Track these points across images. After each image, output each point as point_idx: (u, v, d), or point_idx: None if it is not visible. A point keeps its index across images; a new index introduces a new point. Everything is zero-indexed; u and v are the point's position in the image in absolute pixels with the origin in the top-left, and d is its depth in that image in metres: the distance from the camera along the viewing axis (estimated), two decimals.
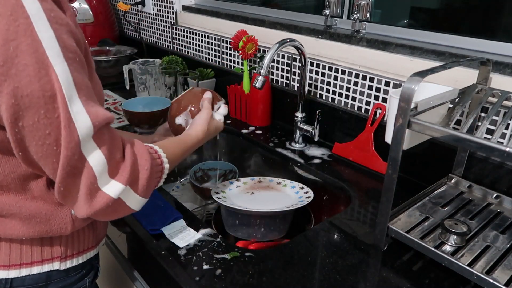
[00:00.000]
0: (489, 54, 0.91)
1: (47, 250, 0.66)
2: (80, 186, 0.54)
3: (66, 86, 0.50)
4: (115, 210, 0.58)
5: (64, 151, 0.51)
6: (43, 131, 0.50)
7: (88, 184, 0.54)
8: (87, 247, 0.71)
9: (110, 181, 0.56)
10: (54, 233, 0.64)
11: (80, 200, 0.55)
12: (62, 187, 0.53)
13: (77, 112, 0.51)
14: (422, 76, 0.65)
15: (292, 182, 1.05)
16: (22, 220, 0.61)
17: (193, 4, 1.73)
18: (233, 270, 0.70)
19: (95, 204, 0.55)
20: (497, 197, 0.86)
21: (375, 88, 1.06)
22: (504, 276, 0.65)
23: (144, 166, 0.60)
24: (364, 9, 1.11)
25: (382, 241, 0.76)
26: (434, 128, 0.64)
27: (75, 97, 0.51)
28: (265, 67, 0.97)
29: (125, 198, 0.58)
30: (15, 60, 0.47)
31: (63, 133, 0.50)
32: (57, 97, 0.50)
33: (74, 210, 0.57)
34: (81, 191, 0.54)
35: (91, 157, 0.53)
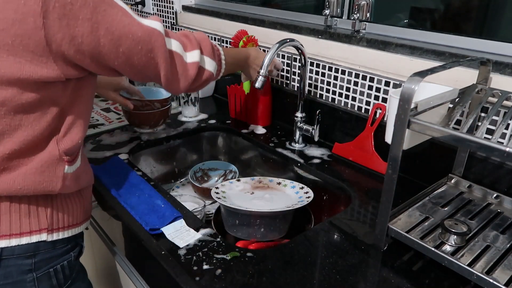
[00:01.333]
0: (489, 54, 0.91)
1: (34, 222, 0.71)
2: (177, 67, 0.77)
3: (133, 13, 0.69)
4: (200, 75, 0.81)
5: (160, 51, 0.72)
6: (136, 48, 0.69)
7: (180, 63, 0.77)
8: (72, 223, 0.78)
9: (187, 53, 0.79)
10: (46, 187, 0.70)
11: (180, 77, 0.78)
12: (169, 75, 0.75)
13: (149, 23, 0.71)
14: (422, 76, 0.65)
15: (292, 182, 1.05)
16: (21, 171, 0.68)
17: (193, 4, 1.73)
18: (233, 270, 0.70)
19: (190, 74, 0.79)
20: (497, 197, 0.86)
21: (375, 88, 1.06)
22: (504, 276, 0.65)
23: (204, 37, 0.83)
24: (364, 9, 1.11)
25: (382, 241, 0.76)
26: (434, 128, 0.64)
27: (138, 18, 0.70)
28: (265, 67, 0.97)
29: (201, 62, 0.81)
30: (97, 10, 0.63)
31: (153, 40, 0.70)
32: (133, 22, 0.68)
33: (177, 87, 0.79)
34: (179, 71, 0.77)
35: (173, 46, 0.75)
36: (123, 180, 0.97)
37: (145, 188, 0.93)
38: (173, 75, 0.76)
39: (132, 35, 0.67)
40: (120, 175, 0.99)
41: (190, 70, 0.78)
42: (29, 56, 0.61)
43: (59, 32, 0.61)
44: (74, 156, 0.76)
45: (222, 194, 0.98)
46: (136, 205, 0.87)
